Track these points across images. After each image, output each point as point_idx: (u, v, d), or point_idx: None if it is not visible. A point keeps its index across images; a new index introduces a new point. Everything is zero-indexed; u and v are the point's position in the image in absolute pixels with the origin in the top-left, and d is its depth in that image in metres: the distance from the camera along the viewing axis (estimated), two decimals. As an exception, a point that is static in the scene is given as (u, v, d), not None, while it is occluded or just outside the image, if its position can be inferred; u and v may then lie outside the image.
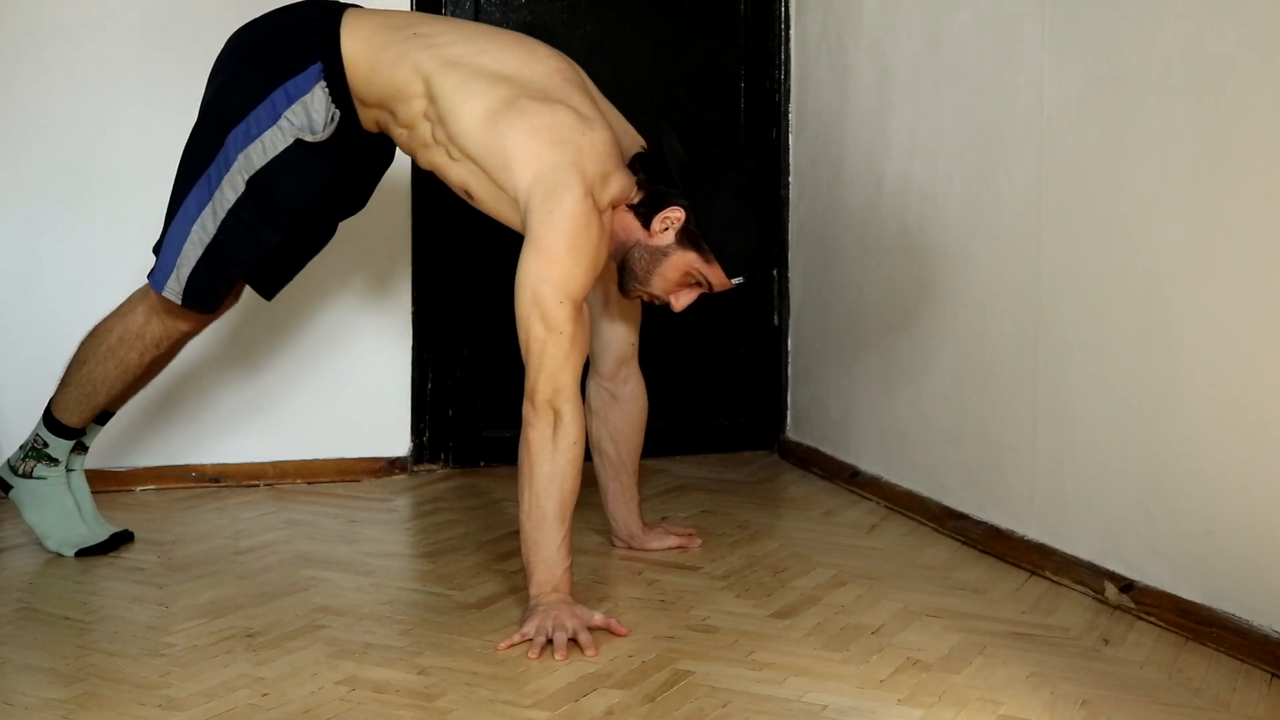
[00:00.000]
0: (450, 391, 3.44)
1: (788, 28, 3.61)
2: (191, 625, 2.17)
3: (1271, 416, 1.98)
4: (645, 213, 2.28)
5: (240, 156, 2.31)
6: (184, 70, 3.12)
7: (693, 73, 3.61)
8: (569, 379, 2.16)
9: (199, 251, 2.37)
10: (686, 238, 2.28)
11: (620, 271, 2.36)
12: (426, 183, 3.33)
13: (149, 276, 2.44)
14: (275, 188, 2.32)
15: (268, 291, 2.64)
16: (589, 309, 2.26)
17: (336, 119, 2.32)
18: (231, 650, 2.05)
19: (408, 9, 3.28)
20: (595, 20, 3.51)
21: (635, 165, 2.32)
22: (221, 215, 2.34)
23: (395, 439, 3.36)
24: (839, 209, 3.31)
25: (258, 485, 3.22)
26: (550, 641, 2.04)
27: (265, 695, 1.86)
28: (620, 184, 2.27)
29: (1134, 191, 2.25)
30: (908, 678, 1.96)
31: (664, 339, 3.56)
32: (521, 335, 2.18)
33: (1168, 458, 2.19)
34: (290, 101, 2.29)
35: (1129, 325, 2.27)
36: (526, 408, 2.17)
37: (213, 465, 3.21)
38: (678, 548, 2.66)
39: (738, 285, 2.32)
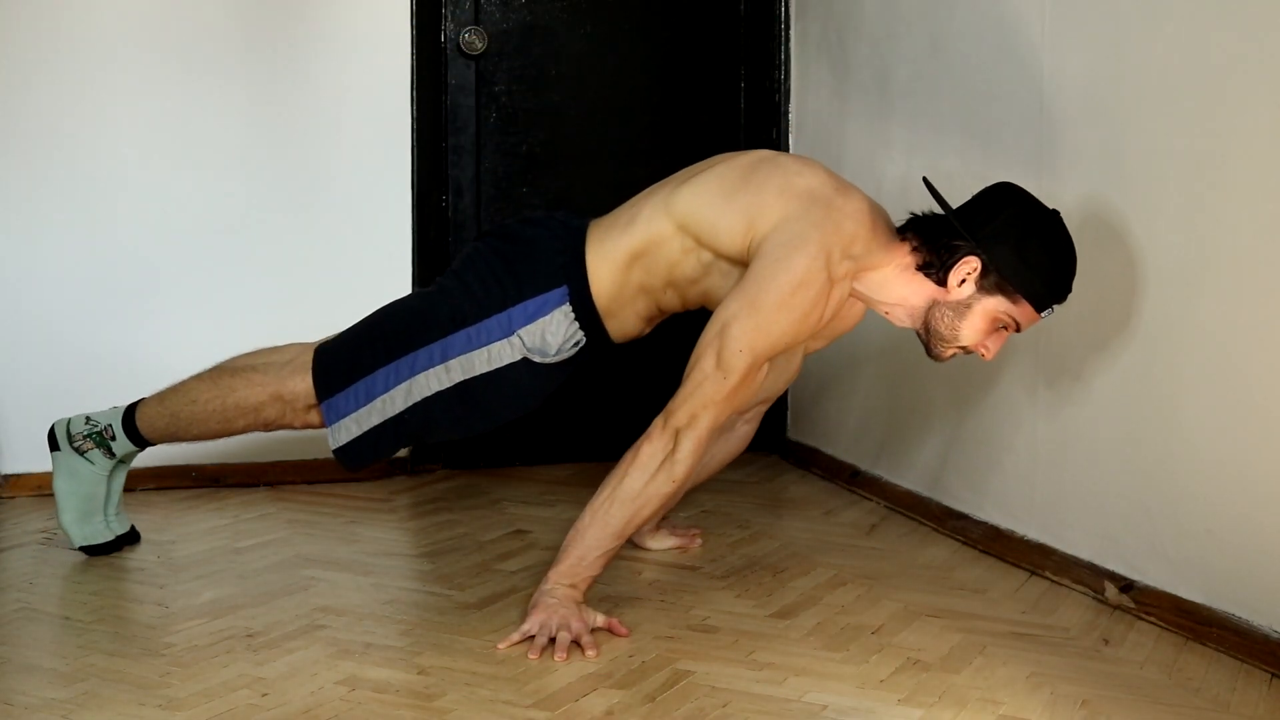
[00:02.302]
0: (450, 391, 3.43)
1: (788, 28, 3.62)
2: (191, 625, 2.17)
3: (1271, 416, 1.98)
4: (938, 271, 2.20)
5: (461, 357, 2.26)
6: (185, 74, 3.13)
7: (693, 73, 3.61)
8: (708, 420, 2.13)
9: (378, 420, 2.31)
10: (986, 285, 2.17)
11: (925, 336, 2.26)
12: (427, 182, 3.33)
13: (320, 400, 2.34)
14: (488, 397, 2.28)
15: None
16: (769, 366, 2.20)
17: (580, 345, 2.28)
18: (231, 650, 2.05)
19: (408, 11, 3.27)
20: (595, 21, 3.51)
21: (907, 230, 2.24)
22: (416, 399, 2.29)
23: (395, 439, 3.36)
24: (839, 209, 3.31)
25: (258, 485, 3.22)
26: (552, 641, 2.04)
27: (265, 695, 1.86)
28: (876, 251, 2.19)
29: (1134, 191, 2.25)
30: (908, 678, 1.96)
31: (665, 339, 3.56)
32: (694, 356, 2.15)
33: (1168, 458, 2.19)
34: (528, 320, 2.25)
35: (1129, 325, 2.27)
36: (658, 421, 2.15)
37: (213, 465, 3.20)
38: (677, 548, 2.66)
39: (1046, 317, 2.22)
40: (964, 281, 2.18)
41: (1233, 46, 2.04)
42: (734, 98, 3.64)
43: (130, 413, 2.51)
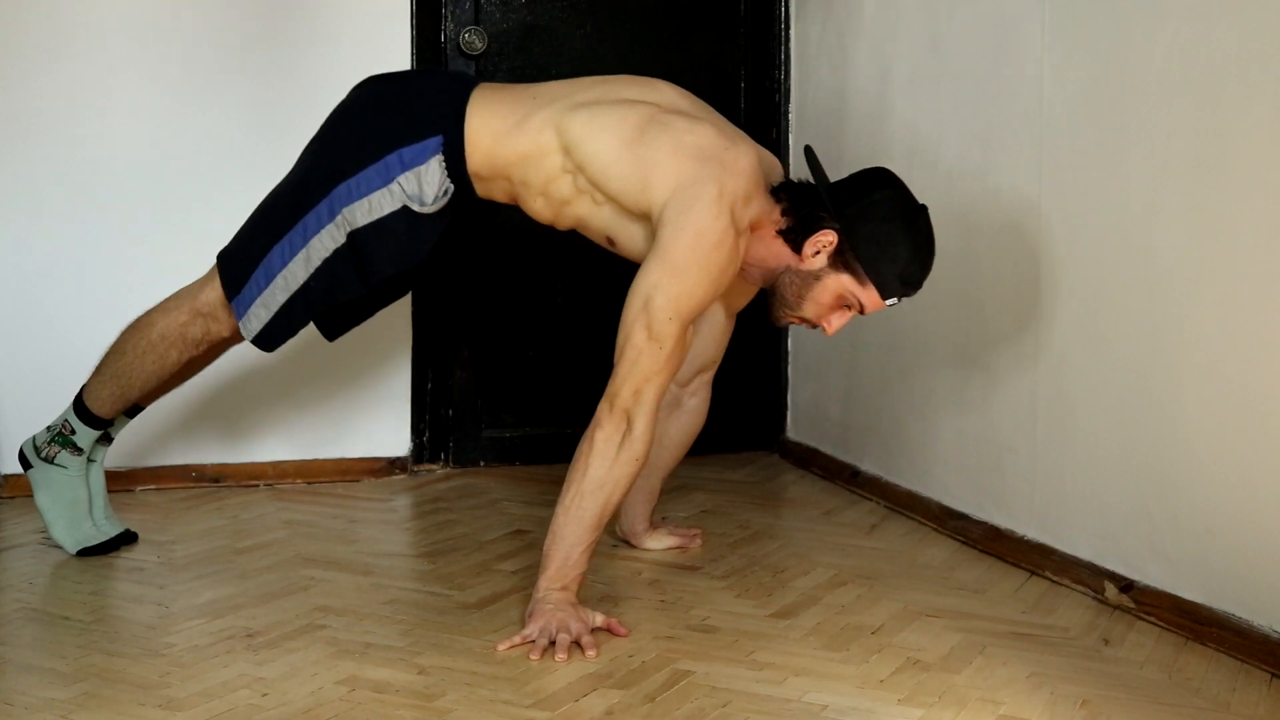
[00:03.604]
0: (450, 391, 3.44)
1: (788, 28, 3.62)
2: (191, 625, 2.17)
3: (1271, 416, 1.98)
4: (796, 238, 2.22)
5: (344, 211, 2.29)
6: (185, 73, 3.13)
7: (693, 73, 3.60)
8: (653, 393, 2.14)
9: (284, 297, 2.36)
10: (839, 261, 2.21)
11: (770, 298, 2.31)
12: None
13: (230, 301, 2.40)
14: (374, 249, 2.30)
15: (332, 333, 2.63)
16: (693, 328, 2.22)
17: (450, 194, 2.30)
18: (231, 650, 2.05)
19: (408, 12, 3.28)
20: (595, 20, 3.51)
21: (779, 192, 2.26)
22: (316, 264, 2.33)
23: (395, 439, 3.36)
24: (839, 209, 3.31)
25: (258, 485, 3.22)
26: (553, 643, 2.04)
27: (265, 695, 1.86)
28: (761, 207, 2.22)
29: (1134, 191, 2.25)
30: (908, 678, 1.96)
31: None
32: (621, 336, 2.15)
33: (1168, 458, 2.19)
34: (405, 168, 2.27)
35: (1129, 325, 2.27)
36: (602, 407, 2.14)
37: (213, 465, 3.21)
38: (677, 548, 2.66)
39: (891, 306, 2.27)
40: (818, 253, 2.23)
41: (1233, 46, 2.04)
42: (734, 98, 3.64)
43: (78, 402, 2.55)
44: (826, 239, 2.21)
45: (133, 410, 2.65)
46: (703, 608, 2.29)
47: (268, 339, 2.42)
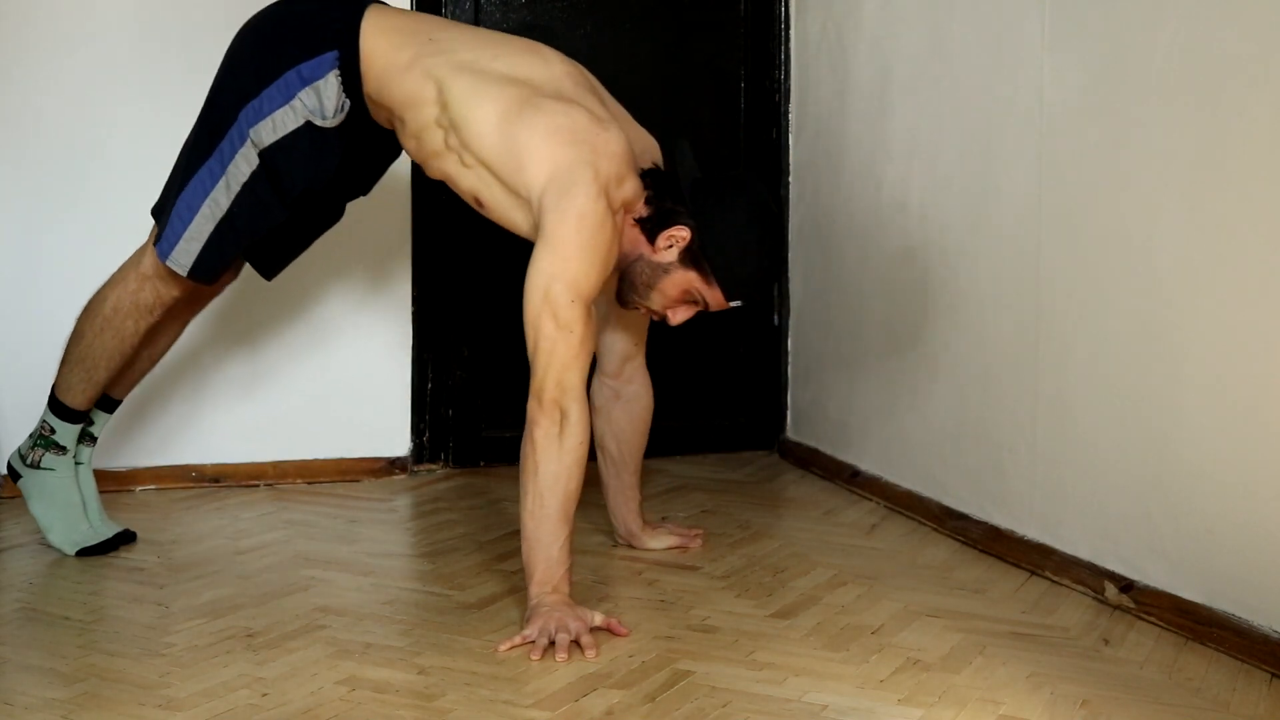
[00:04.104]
0: (450, 391, 3.44)
1: (788, 28, 3.62)
2: (191, 625, 2.17)
3: (1271, 416, 1.98)
4: (651, 228, 2.28)
5: (251, 132, 2.32)
6: (184, 72, 3.13)
7: (693, 73, 3.61)
8: (577, 378, 2.16)
9: (210, 226, 2.39)
10: (689, 257, 2.28)
11: (620, 282, 2.36)
12: (427, 182, 3.33)
13: (155, 244, 2.45)
14: (283, 166, 2.33)
15: (269, 271, 2.64)
16: (596, 308, 2.26)
17: (346, 109, 2.33)
18: (231, 650, 2.05)
19: (407, 7, 3.28)
20: (595, 20, 3.51)
21: (646, 180, 2.31)
22: (235, 190, 2.36)
23: (395, 439, 3.36)
24: (839, 209, 3.31)
25: (258, 485, 3.22)
26: (552, 643, 2.04)
27: (265, 695, 1.86)
28: (631, 189, 2.27)
29: (1134, 191, 2.25)
30: (908, 678, 1.96)
31: (664, 339, 3.55)
32: (530, 333, 2.17)
33: (1168, 458, 2.19)
34: (304, 84, 2.30)
35: (1129, 325, 2.27)
36: (532, 406, 2.17)
37: (213, 465, 3.21)
38: (677, 548, 2.66)
39: (735, 307, 2.33)
40: (671, 246, 2.28)
41: (1233, 46, 2.04)
42: (734, 98, 3.64)
43: (51, 399, 2.56)
44: (680, 234, 2.27)
45: (109, 404, 2.65)
46: (703, 608, 2.29)
47: (203, 271, 2.43)
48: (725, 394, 3.69)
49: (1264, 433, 1.99)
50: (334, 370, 3.29)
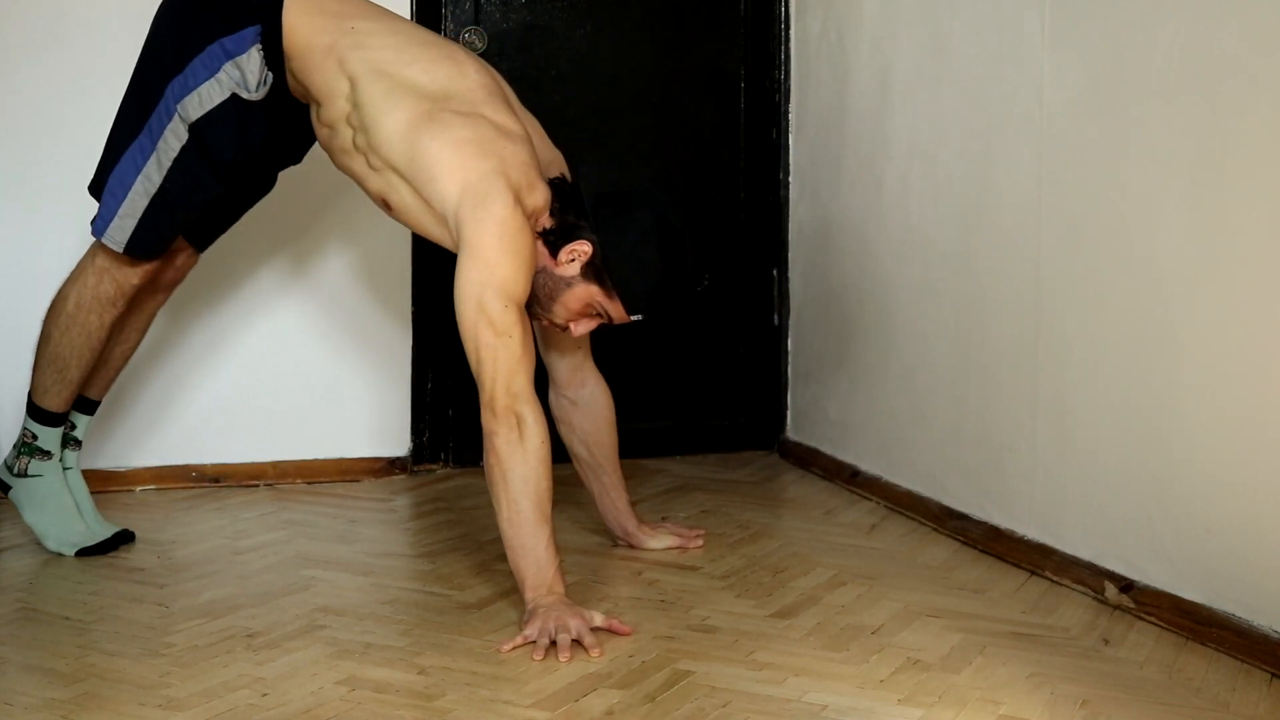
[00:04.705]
0: (450, 391, 3.44)
1: (788, 28, 3.61)
2: (191, 625, 2.17)
3: (1271, 416, 1.98)
4: (554, 241, 2.30)
5: (179, 107, 2.33)
6: (184, 70, 3.13)
7: (693, 73, 3.61)
8: (524, 381, 2.17)
9: (144, 202, 2.39)
10: (591, 271, 2.30)
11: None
12: (426, 183, 3.33)
13: (91, 224, 2.45)
14: (211, 139, 2.34)
15: (201, 243, 2.63)
16: (530, 321, 2.28)
17: (270, 82, 2.34)
18: (231, 650, 2.05)
19: (408, 7, 3.28)
20: (595, 20, 3.51)
21: (553, 190, 2.32)
22: (167, 165, 2.37)
23: (395, 439, 3.36)
24: (839, 209, 3.31)
25: (258, 485, 3.22)
26: (554, 643, 2.04)
27: (265, 695, 1.86)
28: (541, 198, 2.28)
29: (1134, 191, 2.25)
30: (908, 678, 1.96)
31: (664, 339, 3.56)
32: (469, 345, 2.18)
33: (1168, 458, 2.19)
34: (227, 57, 2.31)
35: (1129, 325, 2.27)
36: (487, 417, 2.17)
37: (213, 465, 3.21)
38: (677, 548, 2.65)
39: (636, 320, 2.36)
40: (573, 260, 2.31)
41: (1233, 46, 2.04)
42: (734, 98, 3.64)
43: (29, 404, 2.56)
44: (581, 249, 2.30)
45: (87, 406, 2.65)
46: (703, 608, 2.29)
47: (140, 247, 2.43)
48: (725, 394, 3.69)
49: (1263, 433, 1.99)
50: (334, 370, 3.29)
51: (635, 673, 1.97)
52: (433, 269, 3.38)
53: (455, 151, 2.21)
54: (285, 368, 3.26)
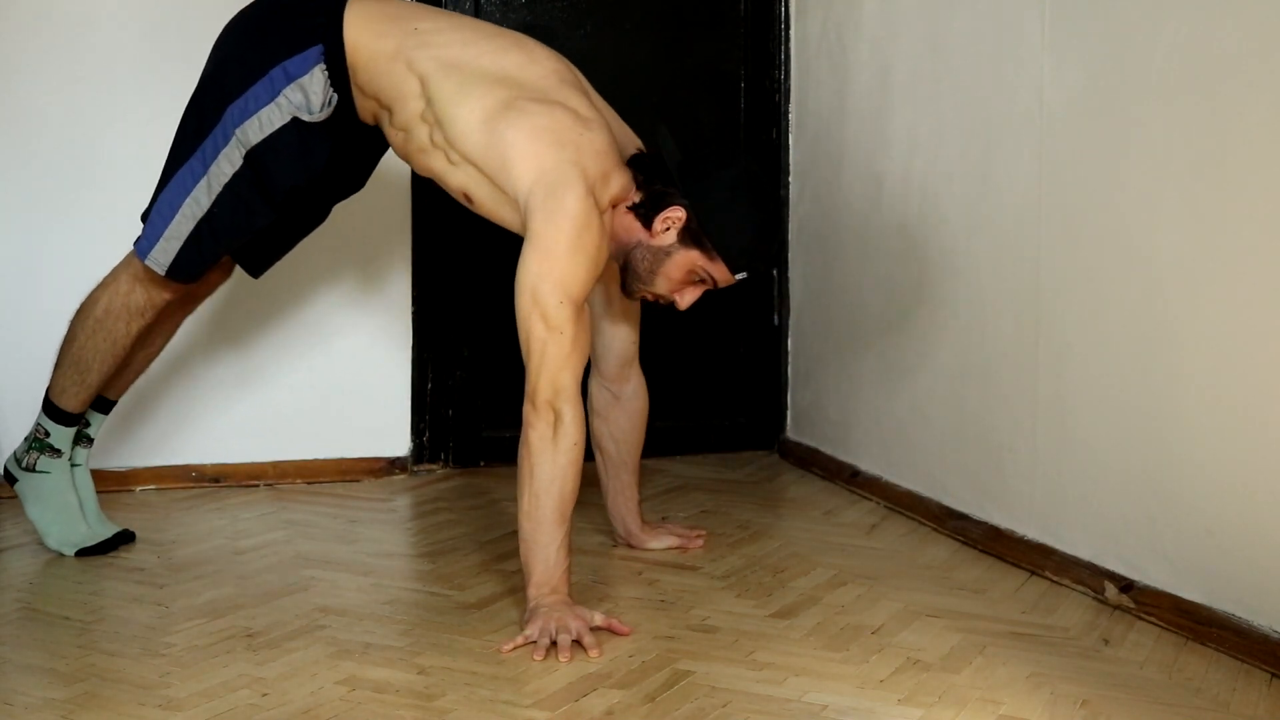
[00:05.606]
0: (450, 391, 3.44)
1: (788, 28, 3.61)
2: (191, 625, 2.17)
3: (1271, 416, 1.98)
4: (646, 213, 2.29)
5: (237, 131, 2.32)
6: (184, 69, 3.12)
7: (693, 73, 3.61)
8: (570, 380, 2.16)
9: (190, 226, 2.38)
10: (688, 236, 2.28)
11: (623, 272, 2.36)
12: (426, 182, 3.33)
13: (135, 244, 2.45)
14: (271, 165, 2.33)
15: (256, 269, 2.63)
16: (590, 310, 2.26)
17: (334, 103, 2.32)
18: (231, 650, 2.05)
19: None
20: (595, 20, 3.51)
21: (634, 167, 2.32)
22: (217, 190, 2.35)
23: (395, 439, 3.36)
24: (839, 209, 3.31)
25: (258, 485, 3.22)
26: (554, 643, 2.04)
27: (265, 695, 1.86)
28: (620, 184, 2.28)
29: (1134, 191, 2.25)
30: (908, 678, 1.96)
31: (664, 339, 3.55)
32: (522, 335, 2.17)
33: (1168, 458, 2.19)
34: (289, 80, 2.30)
35: (1129, 325, 2.27)
36: (527, 408, 2.17)
37: (213, 465, 3.21)
38: (677, 548, 2.66)
39: (741, 280, 2.33)
40: (668, 229, 2.28)
41: (1233, 46, 2.04)
42: (734, 98, 3.64)
43: (46, 402, 2.56)
44: (675, 215, 2.27)
45: (104, 405, 2.65)
46: (703, 608, 2.29)
47: (181, 271, 2.43)
48: (725, 394, 3.69)
49: (1264, 433, 1.99)
50: (334, 370, 3.29)
51: (635, 673, 1.97)
52: (433, 269, 3.39)
53: (532, 139, 2.20)
54: (285, 367, 3.26)
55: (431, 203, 3.36)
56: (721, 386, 3.69)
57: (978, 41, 2.71)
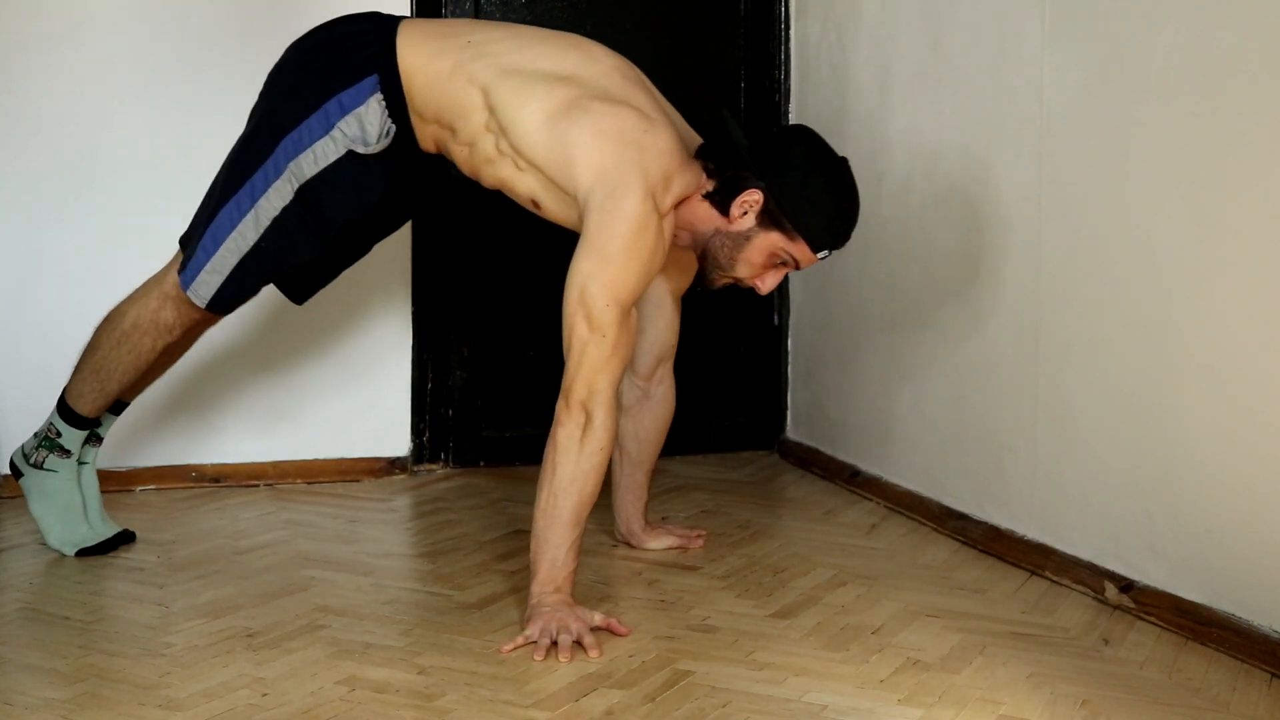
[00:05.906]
0: (450, 391, 3.44)
1: (788, 28, 3.62)
2: (191, 625, 2.17)
3: (1271, 416, 1.98)
4: (722, 200, 2.26)
5: (290, 165, 2.30)
6: (184, 70, 3.13)
7: (693, 73, 3.60)
8: (606, 383, 2.14)
9: (235, 259, 2.37)
10: (767, 218, 2.25)
11: (702, 261, 2.33)
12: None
13: (179, 273, 2.43)
14: (324, 198, 2.31)
15: (299, 297, 2.63)
16: (636, 312, 2.23)
17: (392, 133, 2.30)
18: (231, 650, 2.05)
19: (407, 11, 3.28)
20: (595, 20, 3.51)
21: (703, 156, 2.29)
22: (265, 224, 2.34)
23: (395, 439, 3.36)
24: (839, 209, 3.31)
25: (258, 485, 3.22)
26: (554, 644, 2.04)
27: (265, 695, 1.86)
28: (686, 181, 2.25)
29: (1134, 191, 2.25)
30: (908, 678, 1.96)
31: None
32: (565, 332, 2.15)
33: (1168, 458, 2.19)
34: (344, 112, 2.28)
35: (1129, 325, 2.27)
36: (560, 405, 2.15)
37: (213, 465, 3.21)
38: (677, 548, 2.66)
39: (823, 259, 2.31)
40: (745, 213, 2.26)
41: (1233, 46, 2.04)
42: (734, 98, 3.63)
43: (61, 403, 2.55)
44: (753, 198, 2.24)
45: (118, 407, 2.65)
46: (703, 608, 2.29)
47: (220, 304, 2.43)
48: (725, 394, 3.69)
49: (1264, 433, 1.99)
50: (334, 370, 3.29)
51: (635, 673, 1.97)
52: (433, 269, 3.38)
53: (596, 139, 2.18)
54: (285, 367, 3.26)
55: (431, 203, 3.35)
56: (721, 386, 3.69)
57: (978, 41, 2.71)
